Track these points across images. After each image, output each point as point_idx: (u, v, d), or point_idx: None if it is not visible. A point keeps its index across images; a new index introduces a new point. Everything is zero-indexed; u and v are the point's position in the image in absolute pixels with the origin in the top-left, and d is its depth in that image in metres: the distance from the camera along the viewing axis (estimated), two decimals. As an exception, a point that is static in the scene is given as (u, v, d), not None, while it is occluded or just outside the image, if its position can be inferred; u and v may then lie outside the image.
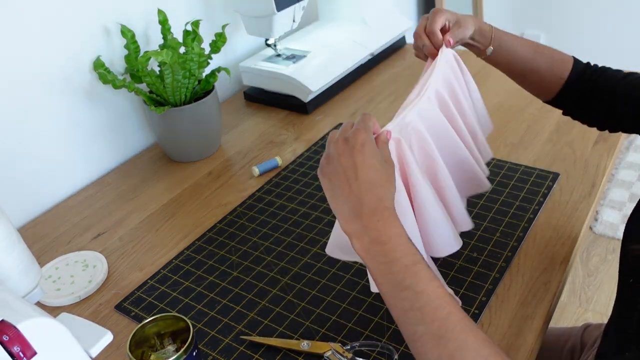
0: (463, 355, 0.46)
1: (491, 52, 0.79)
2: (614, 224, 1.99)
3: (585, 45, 2.43)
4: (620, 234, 1.95)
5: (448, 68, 0.73)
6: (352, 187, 0.53)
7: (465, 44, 0.80)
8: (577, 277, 1.86)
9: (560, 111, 0.83)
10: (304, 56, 1.27)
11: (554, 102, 0.81)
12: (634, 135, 2.39)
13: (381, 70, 1.40)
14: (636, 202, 0.63)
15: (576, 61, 0.78)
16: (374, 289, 0.62)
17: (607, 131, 0.79)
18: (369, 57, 1.36)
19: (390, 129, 0.60)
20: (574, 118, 0.82)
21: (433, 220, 0.64)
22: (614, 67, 0.77)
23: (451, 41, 0.74)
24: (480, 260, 0.78)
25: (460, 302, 0.70)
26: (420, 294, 0.49)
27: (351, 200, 0.53)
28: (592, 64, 0.79)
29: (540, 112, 1.12)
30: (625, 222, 0.64)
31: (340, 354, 0.66)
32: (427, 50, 0.76)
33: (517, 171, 0.95)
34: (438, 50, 0.74)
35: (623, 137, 1.05)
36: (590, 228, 2.00)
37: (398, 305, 0.50)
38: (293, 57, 1.27)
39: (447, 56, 0.74)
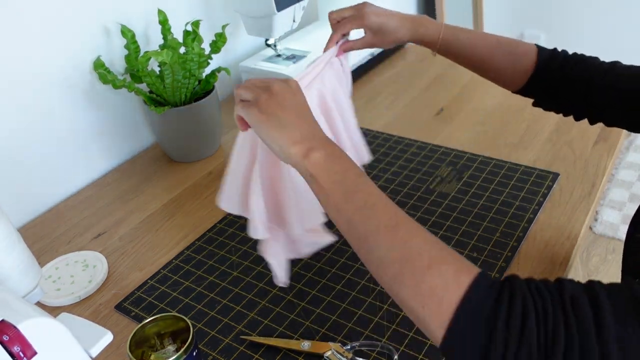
0: (413, 239, 0.48)
1: (434, 54, 0.82)
2: (614, 224, 1.99)
3: (585, 45, 2.43)
4: (620, 234, 1.95)
5: (333, 74, 0.75)
6: (301, 115, 0.57)
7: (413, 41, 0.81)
8: (577, 277, 1.85)
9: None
10: (304, 56, 1.27)
11: (521, 93, 0.81)
12: (634, 135, 2.39)
13: (381, 70, 1.40)
14: (636, 202, 0.63)
15: (540, 50, 0.77)
16: (256, 234, 0.65)
17: (586, 120, 0.78)
18: (369, 57, 1.36)
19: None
20: (546, 109, 0.81)
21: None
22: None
23: (340, 52, 0.79)
24: (480, 260, 0.78)
25: None
26: (372, 195, 0.52)
27: (303, 124, 0.57)
28: (559, 50, 0.78)
29: (540, 112, 1.11)
30: (626, 222, 0.64)
31: (340, 354, 0.66)
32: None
33: (517, 171, 0.95)
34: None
35: (623, 137, 1.05)
36: (590, 228, 2.00)
37: (350, 207, 0.51)
38: (293, 57, 1.27)
39: (335, 63, 0.76)
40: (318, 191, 0.54)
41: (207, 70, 1.07)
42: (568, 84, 0.74)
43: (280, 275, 0.69)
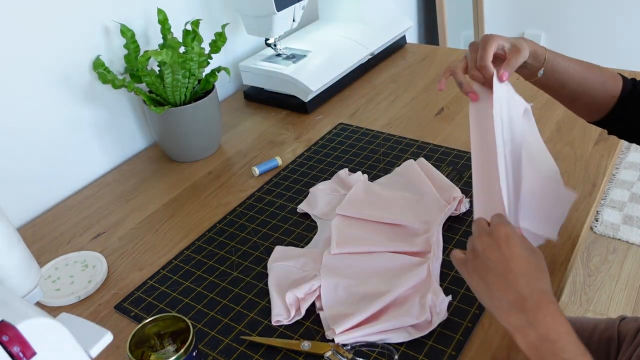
0: None
1: (542, 74, 0.73)
2: (614, 224, 1.99)
3: (585, 45, 2.43)
4: (620, 234, 1.95)
5: (505, 106, 0.67)
6: (509, 281, 0.52)
7: None
8: (578, 277, 1.86)
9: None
10: (304, 56, 1.27)
11: (602, 121, 0.78)
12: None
13: (381, 70, 1.39)
14: (636, 202, 0.63)
15: (624, 78, 0.75)
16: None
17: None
18: (369, 57, 1.36)
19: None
20: (621, 137, 0.79)
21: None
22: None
23: (506, 75, 0.67)
24: (481, 260, 0.78)
25: None
26: None
27: (510, 294, 0.51)
28: (638, 80, 0.76)
29: (540, 112, 1.11)
30: (626, 222, 0.64)
31: (341, 354, 0.65)
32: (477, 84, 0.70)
33: (517, 171, 0.95)
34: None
35: (623, 137, 1.05)
36: (591, 228, 2.00)
37: None
38: (293, 57, 1.27)
39: (501, 92, 0.66)
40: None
41: (207, 70, 1.07)
42: None
43: None
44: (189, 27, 1.05)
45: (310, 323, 0.72)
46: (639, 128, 0.76)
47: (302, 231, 0.88)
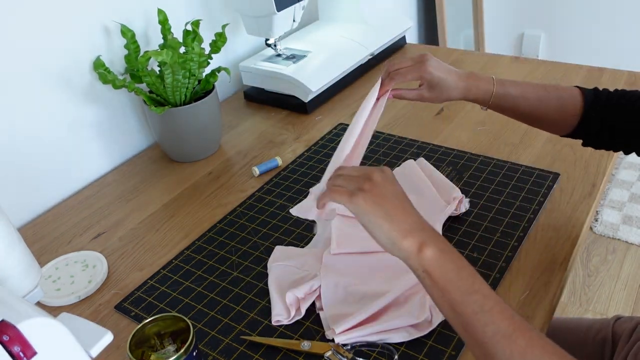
0: (533, 350, 0.48)
1: (485, 109, 0.81)
2: (614, 224, 1.99)
3: (585, 45, 2.43)
4: (620, 234, 1.95)
5: (376, 112, 0.76)
6: (406, 208, 0.57)
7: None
8: (578, 277, 1.86)
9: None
10: (304, 56, 1.27)
11: (570, 136, 0.80)
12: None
13: (381, 70, 1.39)
14: (636, 202, 0.64)
15: (584, 92, 0.77)
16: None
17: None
18: (369, 57, 1.36)
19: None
20: (596, 147, 0.80)
21: None
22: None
23: (390, 96, 0.78)
24: (481, 260, 0.78)
25: None
26: (489, 297, 0.52)
27: (410, 217, 0.56)
28: (600, 89, 0.78)
29: (540, 112, 1.11)
30: (626, 222, 0.65)
31: (341, 354, 0.66)
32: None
33: (517, 171, 0.95)
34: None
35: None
36: (591, 228, 2.00)
37: (467, 309, 0.51)
38: (293, 57, 1.27)
39: (382, 105, 0.76)
40: (431, 287, 0.54)
41: (207, 70, 1.07)
42: (619, 119, 0.74)
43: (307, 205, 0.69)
44: (189, 28, 1.05)
45: (310, 323, 0.72)
46: (609, 136, 0.77)
47: (302, 231, 0.88)
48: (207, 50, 1.06)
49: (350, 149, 0.69)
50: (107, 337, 0.53)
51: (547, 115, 0.78)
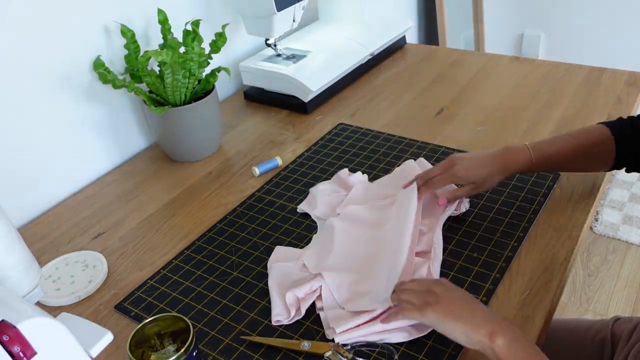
0: None
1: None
2: (614, 224, 1.99)
3: (585, 45, 2.43)
4: (620, 234, 1.95)
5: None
6: (472, 306, 0.63)
7: None
8: (578, 277, 1.86)
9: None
10: (304, 56, 1.27)
11: (615, 167, 0.83)
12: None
13: (381, 70, 1.40)
14: (636, 202, 0.65)
15: (611, 126, 0.80)
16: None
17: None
18: (369, 57, 1.36)
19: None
20: (639, 172, 0.83)
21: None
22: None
23: (443, 203, 0.82)
24: (481, 260, 0.78)
25: None
26: None
27: (478, 312, 0.62)
28: (624, 118, 0.81)
29: (540, 112, 1.11)
30: (626, 222, 0.67)
31: (341, 354, 0.66)
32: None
33: (517, 171, 0.95)
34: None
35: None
36: (591, 228, 2.00)
37: None
38: (293, 57, 1.27)
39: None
40: None
41: (207, 70, 1.07)
42: None
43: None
44: (189, 27, 1.05)
45: (310, 323, 0.72)
46: None
47: (302, 231, 0.88)
48: (207, 50, 1.06)
49: (406, 259, 0.73)
50: (107, 337, 0.53)
51: (588, 160, 0.82)
